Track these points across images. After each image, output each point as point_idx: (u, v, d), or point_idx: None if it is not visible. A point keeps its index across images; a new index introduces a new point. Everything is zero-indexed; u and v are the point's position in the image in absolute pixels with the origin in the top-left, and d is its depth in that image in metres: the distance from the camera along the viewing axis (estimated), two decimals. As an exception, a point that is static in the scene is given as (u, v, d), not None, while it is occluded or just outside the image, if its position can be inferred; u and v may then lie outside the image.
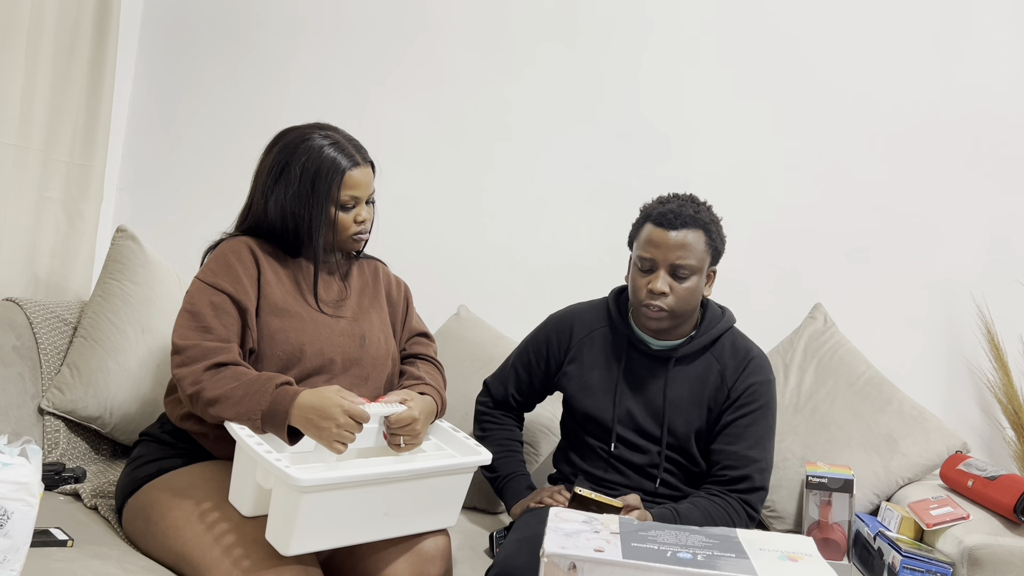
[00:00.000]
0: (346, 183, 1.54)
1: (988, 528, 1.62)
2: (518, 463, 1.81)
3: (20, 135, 2.06)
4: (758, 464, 1.66)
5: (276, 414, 1.37)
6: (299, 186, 1.53)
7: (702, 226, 1.63)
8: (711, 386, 1.70)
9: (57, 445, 1.82)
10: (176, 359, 1.44)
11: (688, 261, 1.61)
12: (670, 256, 1.61)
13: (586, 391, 1.75)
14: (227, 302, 1.48)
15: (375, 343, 1.62)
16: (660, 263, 1.62)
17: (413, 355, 1.72)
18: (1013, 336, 2.24)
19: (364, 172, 1.58)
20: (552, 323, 1.85)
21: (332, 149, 1.54)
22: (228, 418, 1.39)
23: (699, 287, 1.65)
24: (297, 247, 1.60)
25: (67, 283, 2.31)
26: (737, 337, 1.76)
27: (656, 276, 1.62)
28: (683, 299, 1.63)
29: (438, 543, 1.48)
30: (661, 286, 1.60)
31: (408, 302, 1.77)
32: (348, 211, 1.57)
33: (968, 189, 2.29)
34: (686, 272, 1.62)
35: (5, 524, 1.12)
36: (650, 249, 1.63)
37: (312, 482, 1.24)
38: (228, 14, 2.61)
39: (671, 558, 1.10)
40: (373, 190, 1.61)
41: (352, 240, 1.60)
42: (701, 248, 1.63)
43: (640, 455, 1.71)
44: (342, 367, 1.55)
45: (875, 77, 2.32)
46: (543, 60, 2.47)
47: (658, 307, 1.62)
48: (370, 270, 1.73)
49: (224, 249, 1.54)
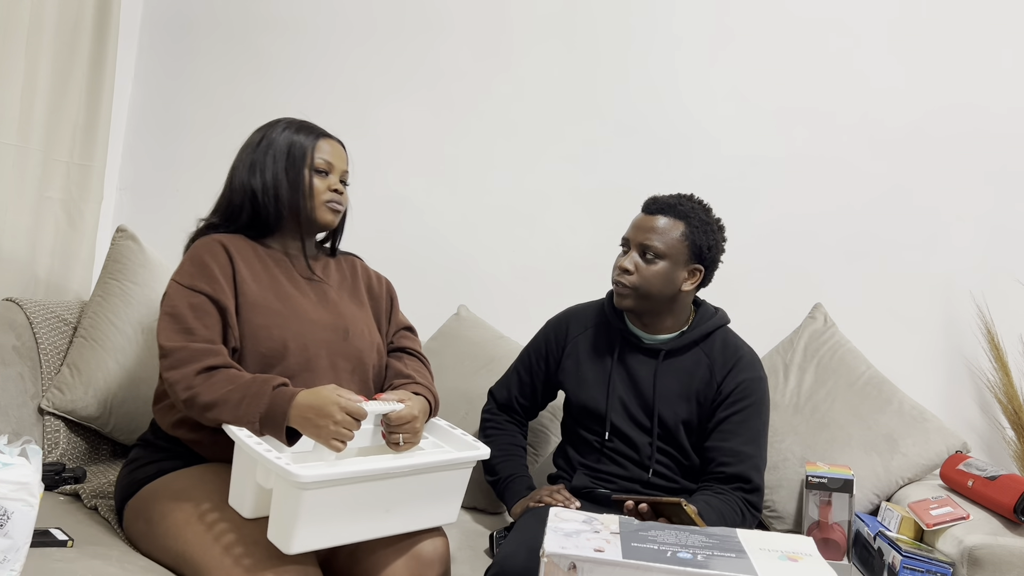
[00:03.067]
0: (319, 147, 1.63)
1: (988, 528, 1.62)
2: (519, 465, 1.83)
3: (20, 135, 2.06)
4: (753, 460, 1.68)
5: (274, 416, 1.37)
6: (275, 159, 1.60)
7: (681, 216, 1.70)
8: (699, 379, 1.73)
9: (57, 445, 1.82)
10: (165, 362, 1.44)
11: (655, 244, 1.68)
12: (639, 236, 1.71)
13: (582, 384, 1.79)
14: (206, 302, 1.48)
15: (359, 335, 1.61)
16: (632, 242, 1.72)
17: (399, 348, 1.72)
18: (1013, 336, 2.24)
19: (334, 145, 1.66)
20: (550, 325, 1.91)
21: (302, 126, 1.66)
22: (226, 421, 1.38)
23: (669, 275, 1.70)
24: (277, 223, 1.62)
25: (67, 283, 2.31)
26: (729, 336, 1.79)
27: (627, 255, 1.71)
28: (647, 280, 1.69)
29: (436, 547, 1.47)
30: (627, 263, 1.70)
31: (392, 296, 1.78)
32: (323, 177, 1.62)
33: (968, 189, 2.29)
34: (652, 254, 1.69)
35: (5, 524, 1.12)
36: (629, 230, 1.74)
37: (313, 478, 1.24)
38: (228, 14, 2.61)
39: (671, 558, 1.10)
40: (347, 170, 1.67)
41: (326, 208, 1.62)
42: (674, 235, 1.69)
43: (633, 446, 1.74)
44: (328, 361, 1.55)
45: (875, 77, 2.32)
46: (543, 60, 2.47)
47: (621, 284, 1.70)
48: (348, 265, 1.75)
49: (198, 249, 1.55)
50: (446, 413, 2.02)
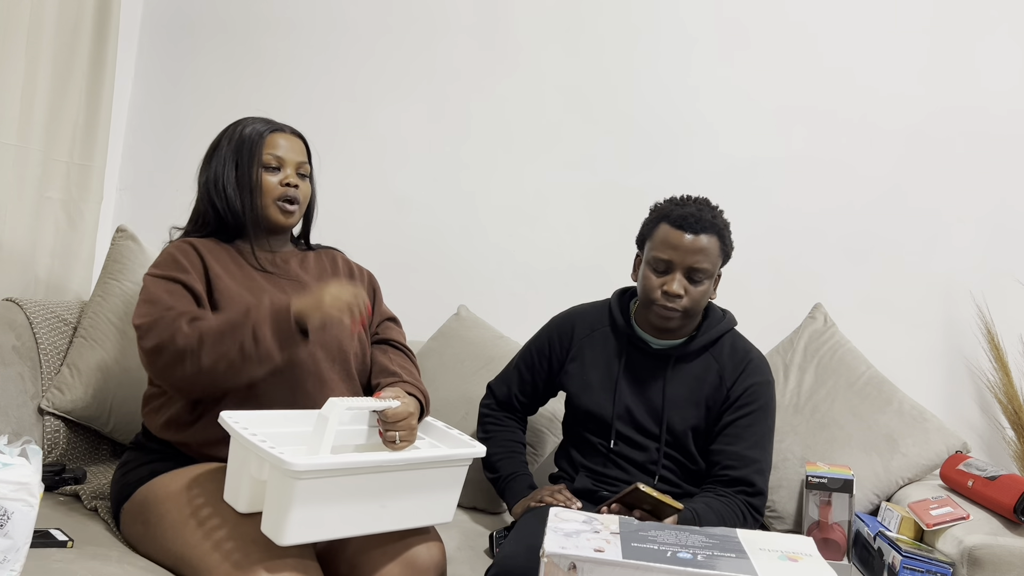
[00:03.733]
0: (268, 143, 1.60)
1: (988, 528, 1.62)
2: (520, 463, 1.82)
3: (20, 135, 2.06)
4: (758, 464, 1.67)
5: (279, 314, 1.38)
6: (226, 159, 1.59)
7: (717, 232, 1.66)
8: (710, 385, 1.72)
9: (57, 445, 1.82)
10: (146, 335, 1.42)
11: (704, 266, 1.64)
12: (687, 259, 1.63)
13: (587, 389, 1.77)
14: (181, 288, 1.50)
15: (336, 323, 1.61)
16: (677, 265, 1.64)
17: (383, 340, 1.72)
18: (1013, 336, 2.24)
19: (288, 138, 1.64)
20: (554, 324, 1.87)
21: (257, 122, 1.63)
22: (226, 354, 1.37)
23: (710, 290, 1.69)
24: (237, 228, 1.62)
25: (67, 283, 2.31)
26: (737, 339, 1.77)
27: (672, 278, 1.64)
28: (696, 301, 1.66)
29: (432, 553, 1.45)
30: (677, 288, 1.63)
31: (375, 288, 1.79)
32: (273, 173, 1.60)
33: (968, 189, 2.29)
34: (701, 276, 1.65)
35: (5, 524, 1.12)
36: (667, 251, 1.65)
37: (306, 467, 1.23)
38: (228, 14, 2.61)
39: (671, 558, 1.10)
40: (306, 162, 1.66)
41: (277, 207, 1.61)
42: (716, 253, 1.66)
43: (639, 452, 1.73)
44: (305, 350, 1.54)
45: (875, 77, 2.32)
46: (544, 60, 2.47)
47: (673, 308, 1.65)
48: (328, 259, 1.75)
49: (169, 249, 1.58)
50: (446, 413, 2.03)
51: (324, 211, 1.91)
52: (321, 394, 1.54)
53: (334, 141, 2.53)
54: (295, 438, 1.42)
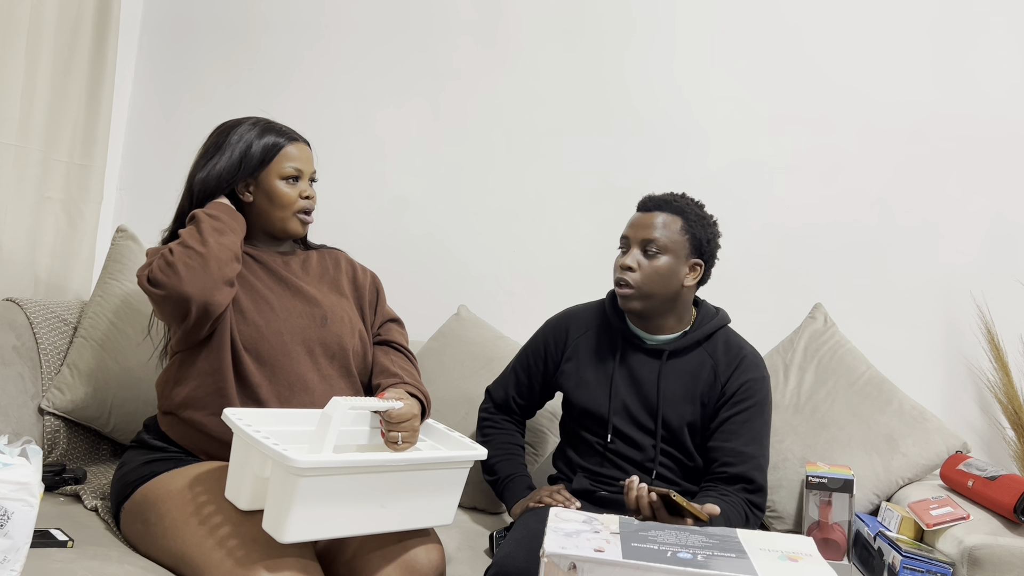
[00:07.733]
0: (286, 153, 1.59)
1: (988, 528, 1.62)
2: (518, 465, 1.82)
3: (20, 135, 2.06)
4: (755, 460, 1.67)
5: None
6: (229, 159, 1.57)
7: (678, 211, 1.71)
8: (704, 381, 1.73)
9: (57, 445, 1.82)
10: (147, 268, 1.45)
11: (656, 237, 1.68)
12: (639, 232, 1.70)
13: (583, 386, 1.78)
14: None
15: (338, 321, 1.61)
16: (632, 240, 1.71)
17: (385, 341, 1.72)
18: (1013, 336, 2.24)
19: (301, 147, 1.62)
20: (549, 326, 1.89)
21: (266, 129, 1.60)
22: (215, 227, 1.46)
23: (672, 270, 1.69)
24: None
25: (67, 283, 2.32)
26: (731, 335, 1.79)
27: (628, 253, 1.70)
28: (650, 277, 1.68)
29: (431, 555, 1.45)
30: (629, 261, 1.69)
31: (378, 288, 1.78)
32: (291, 184, 1.59)
33: (968, 189, 2.29)
34: (654, 249, 1.68)
35: (5, 524, 1.12)
36: (627, 229, 1.73)
37: (309, 464, 1.24)
38: (228, 14, 2.61)
39: (671, 558, 1.10)
40: (315, 170, 1.66)
41: (297, 219, 1.61)
42: (674, 229, 1.69)
43: (636, 450, 1.73)
44: (304, 347, 1.55)
45: (875, 77, 2.32)
46: (544, 61, 2.47)
47: (625, 281, 1.69)
48: (331, 259, 1.75)
49: (160, 247, 1.58)
50: (446, 413, 2.03)
51: (324, 211, 1.91)
52: (319, 390, 1.54)
53: (334, 141, 2.53)
54: (297, 436, 1.43)
